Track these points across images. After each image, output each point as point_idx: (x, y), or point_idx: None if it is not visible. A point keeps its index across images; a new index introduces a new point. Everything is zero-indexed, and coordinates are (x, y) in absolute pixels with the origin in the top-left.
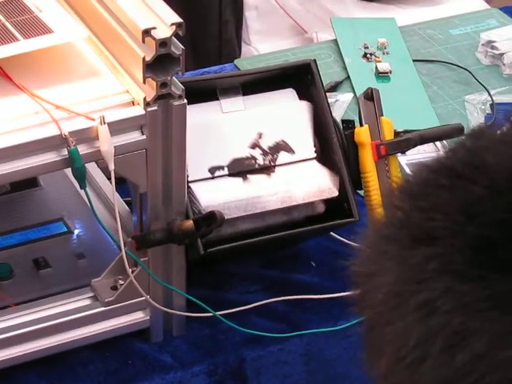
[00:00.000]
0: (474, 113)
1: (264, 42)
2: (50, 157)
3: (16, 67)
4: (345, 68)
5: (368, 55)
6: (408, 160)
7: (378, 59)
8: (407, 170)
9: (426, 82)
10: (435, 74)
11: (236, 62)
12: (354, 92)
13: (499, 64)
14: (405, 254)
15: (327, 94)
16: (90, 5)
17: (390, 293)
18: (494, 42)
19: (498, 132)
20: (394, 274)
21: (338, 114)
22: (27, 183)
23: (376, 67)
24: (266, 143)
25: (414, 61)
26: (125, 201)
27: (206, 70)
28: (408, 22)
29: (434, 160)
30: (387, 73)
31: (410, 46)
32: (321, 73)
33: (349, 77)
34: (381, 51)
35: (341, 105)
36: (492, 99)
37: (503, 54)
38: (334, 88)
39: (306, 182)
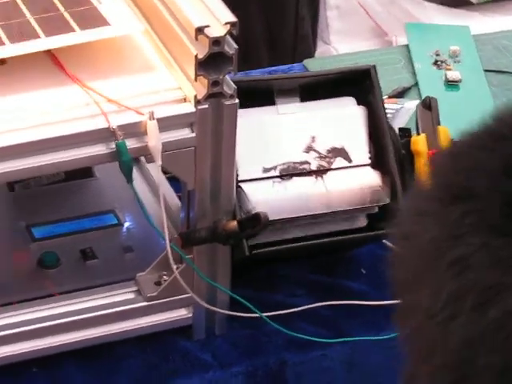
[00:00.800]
0: None
1: (343, 43)
2: (98, 149)
3: (70, 58)
4: (414, 74)
5: (439, 62)
6: None
7: (448, 67)
8: None
9: (495, 93)
10: (506, 86)
11: (305, 62)
12: (421, 99)
13: None
14: (443, 211)
15: (394, 99)
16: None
17: (426, 250)
18: None
19: None
20: (432, 231)
21: (402, 120)
22: (82, 173)
23: (445, 75)
24: (320, 147)
25: (485, 71)
26: (178, 196)
27: (274, 68)
28: (483, 31)
29: (480, 125)
30: (457, 82)
31: (482, 55)
32: (390, 78)
33: (417, 83)
34: (452, 59)
35: (406, 112)
36: None
37: None
38: (401, 94)
39: (358, 187)
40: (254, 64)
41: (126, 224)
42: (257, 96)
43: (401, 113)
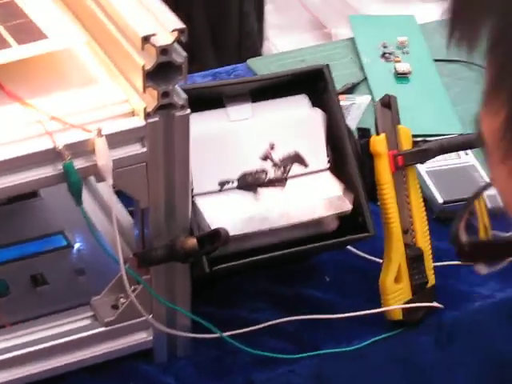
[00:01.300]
0: None
1: (281, 37)
2: (43, 171)
3: (8, 74)
4: (362, 68)
5: (387, 55)
6: (428, 168)
7: (397, 59)
8: (427, 179)
9: (447, 83)
10: (457, 75)
11: (249, 62)
12: (372, 94)
13: None
14: None
15: (343, 96)
16: (89, 8)
17: None
18: None
19: None
20: None
21: (354, 117)
22: (26, 194)
23: (395, 68)
24: (277, 154)
25: (434, 60)
26: (129, 210)
27: (218, 70)
28: (428, 19)
29: None
30: (407, 74)
31: (430, 44)
32: (337, 73)
33: (366, 78)
34: (400, 50)
35: (357, 108)
36: None
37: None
38: (351, 90)
39: (319, 197)
40: (199, 64)
41: (77, 245)
42: (206, 103)
43: (352, 109)
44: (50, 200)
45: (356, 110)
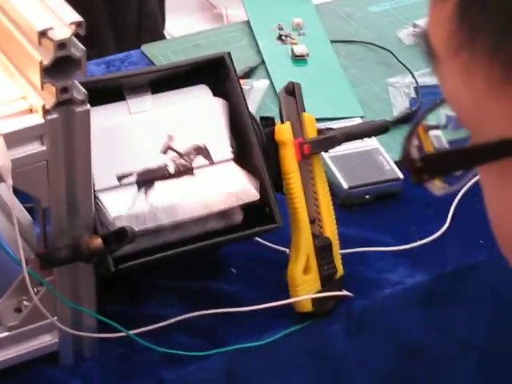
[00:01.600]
0: (398, 97)
1: (171, 19)
2: None
3: None
4: (259, 52)
5: (283, 37)
6: (331, 154)
7: (293, 41)
8: (331, 165)
9: (345, 64)
10: (355, 56)
11: (143, 48)
12: (270, 78)
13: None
14: None
15: (242, 80)
16: None
17: None
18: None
19: None
20: None
21: (253, 102)
22: None
23: (292, 50)
24: (179, 146)
25: (331, 42)
26: (26, 207)
27: (111, 58)
28: (324, 0)
29: None
30: (304, 56)
31: (326, 25)
32: (234, 58)
33: (263, 61)
34: (296, 32)
35: (256, 93)
36: (416, 82)
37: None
38: (248, 74)
39: (224, 187)
40: (99, 47)
41: None
42: (105, 96)
43: (251, 94)
44: None
45: (254, 95)
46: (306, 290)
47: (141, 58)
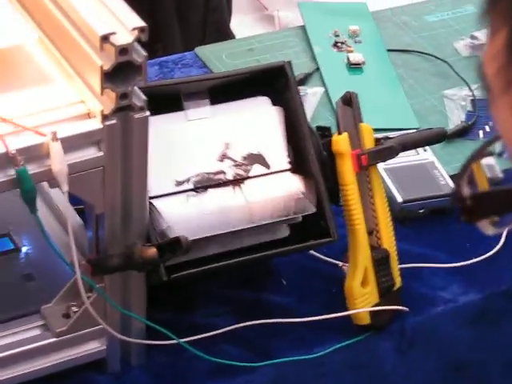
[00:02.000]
0: (454, 109)
1: None
2: None
3: None
4: (314, 58)
5: (339, 44)
6: (386, 165)
7: (349, 49)
8: (386, 177)
9: (401, 74)
10: (411, 66)
11: (196, 50)
12: (325, 86)
13: (480, 55)
14: None
15: None
16: (43, 6)
17: None
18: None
19: None
20: None
21: (307, 110)
22: None
23: (348, 58)
24: (236, 154)
25: (388, 50)
26: (77, 209)
27: (164, 59)
28: (380, 7)
29: None
30: (360, 64)
31: (383, 33)
32: None
33: (318, 68)
34: (352, 39)
35: (310, 100)
36: (473, 94)
37: (484, 44)
38: (303, 81)
39: (279, 198)
40: (165, 42)
41: (24, 249)
42: (163, 102)
43: (305, 102)
44: None
45: (309, 103)
46: (364, 302)
47: (194, 60)
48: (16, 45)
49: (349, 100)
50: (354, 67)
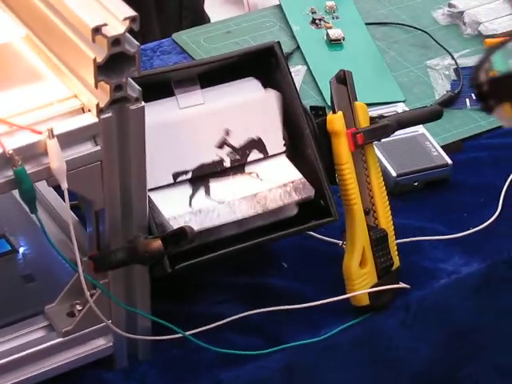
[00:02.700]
0: (438, 80)
1: None
2: None
3: None
4: (293, 37)
5: (317, 21)
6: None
7: (328, 25)
8: (378, 152)
9: (381, 47)
10: (391, 39)
11: (174, 36)
12: (307, 64)
13: (458, 23)
14: None
15: None
16: (28, 0)
17: None
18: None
19: None
20: None
21: None
22: None
23: (327, 34)
24: (234, 140)
25: (366, 24)
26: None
27: (142, 47)
28: None
29: None
30: (340, 40)
31: (359, 7)
32: None
33: (299, 47)
34: (330, 15)
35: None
36: (457, 63)
37: (463, 12)
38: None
39: (279, 184)
40: (143, 31)
41: (22, 249)
42: (152, 91)
43: None
44: None
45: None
46: (362, 283)
47: (173, 46)
48: (3, 43)
49: (343, 78)
50: (334, 43)
